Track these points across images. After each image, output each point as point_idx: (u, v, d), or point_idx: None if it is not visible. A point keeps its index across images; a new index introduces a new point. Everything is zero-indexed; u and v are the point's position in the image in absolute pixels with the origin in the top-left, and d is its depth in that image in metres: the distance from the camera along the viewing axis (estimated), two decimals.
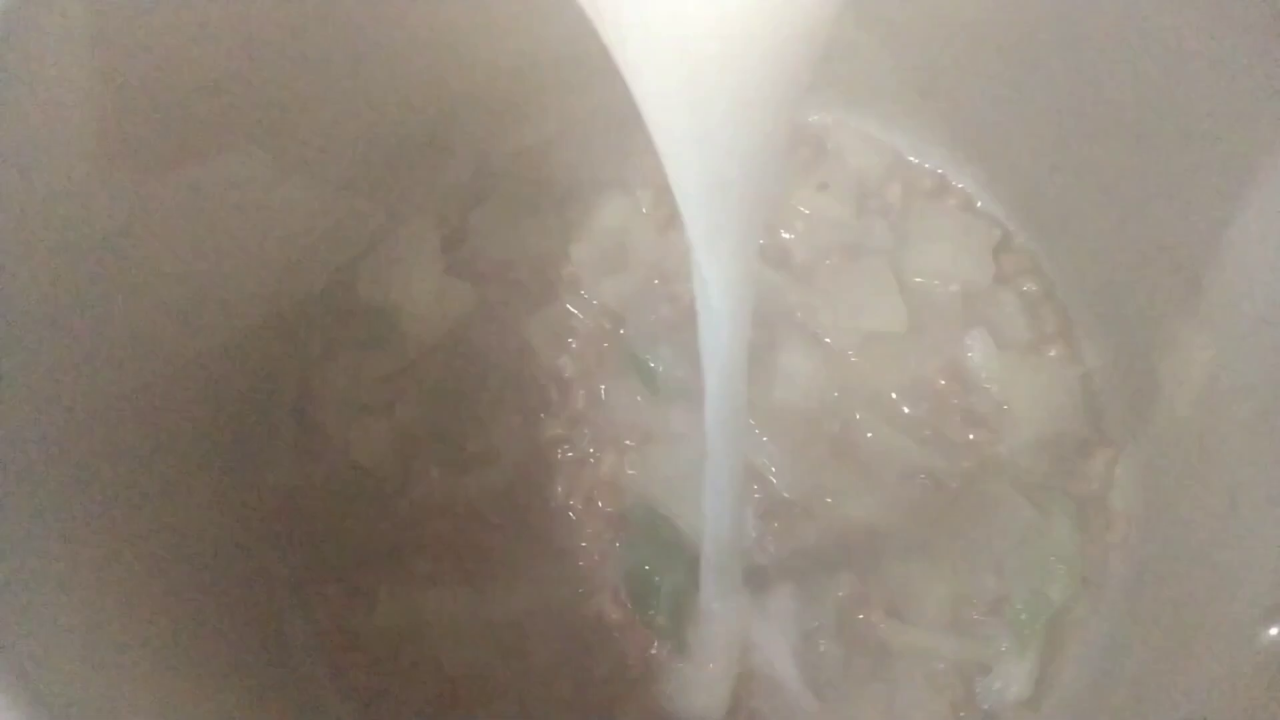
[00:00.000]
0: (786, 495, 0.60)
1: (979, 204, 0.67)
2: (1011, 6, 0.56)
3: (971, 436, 0.61)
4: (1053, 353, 0.63)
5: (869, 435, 0.61)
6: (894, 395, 0.62)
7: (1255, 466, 0.45)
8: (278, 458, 0.62)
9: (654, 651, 0.58)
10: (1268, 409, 0.45)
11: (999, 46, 0.58)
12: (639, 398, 0.62)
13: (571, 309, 0.65)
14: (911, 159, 0.68)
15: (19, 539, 0.38)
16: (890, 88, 0.66)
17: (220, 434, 0.57)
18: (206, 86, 0.51)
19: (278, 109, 0.56)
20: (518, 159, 0.70)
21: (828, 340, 0.63)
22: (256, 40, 0.52)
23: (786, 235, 0.66)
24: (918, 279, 0.64)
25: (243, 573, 0.56)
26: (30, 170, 0.42)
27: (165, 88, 0.48)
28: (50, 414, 0.43)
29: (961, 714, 0.55)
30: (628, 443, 0.62)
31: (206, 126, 0.52)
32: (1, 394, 0.40)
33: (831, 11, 0.30)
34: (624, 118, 0.68)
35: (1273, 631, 0.36)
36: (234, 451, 0.58)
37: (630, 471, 0.61)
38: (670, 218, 0.66)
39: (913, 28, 0.62)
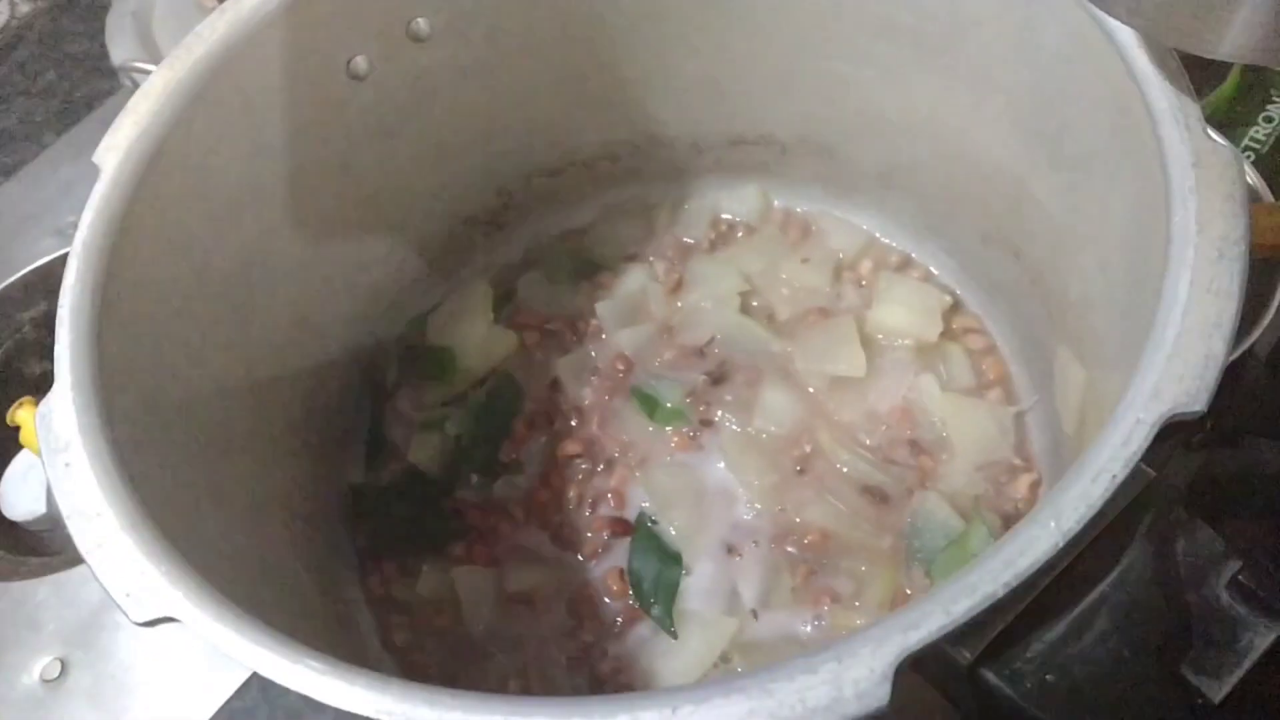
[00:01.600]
0: (758, 506, 0.72)
1: (935, 275, 0.80)
2: (947, 117, 0.70)
3: (916, 462, 0.72)
4: (992, 395, 0.75)
5: (830, 457, 0.73)
6: (853, 427, 0.74)
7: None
8: (353, 458, 0.78)
9: (642, 625, 0.70)
10: (1099, 408, 0.56)
11: (941, 150, 0.73)
12: (642, 424, 0.76)
13: (593, 353, 0.80)
14: (881, 239, 0.82)
15: (170, 469, 0.54)
16: (863, 183, 0.81)
17: (310, 434, 0.73)
18: (327, 168, 0.69)
19: (380, 192, 0.74)
20: (560, 238, 0.87)
21: (801, 381, 0.76)
22: (365, 134, 0.70)
23: (772, 298, 0.80)
24: (879, 335, 0.77)
25: (317, 541, 0.70)
26: (184, 204, 0.59)
27: (297, 163, 0.66)
28: (189, 388, 0.59)
29: None
30: (631, 459, 0.75)
31: (322, 200, 0.70)
32: (159, 370, 0.57)
33: None
34: (646, 207, 0.86)
35: None
36: (320, 449, 0.74)
37: (634, 485, 0.74)
38: (678, 283, 0.82)
39: (877, 135, 0.76)
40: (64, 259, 0.53)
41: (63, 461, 0.47)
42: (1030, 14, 0.57)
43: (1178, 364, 0.40)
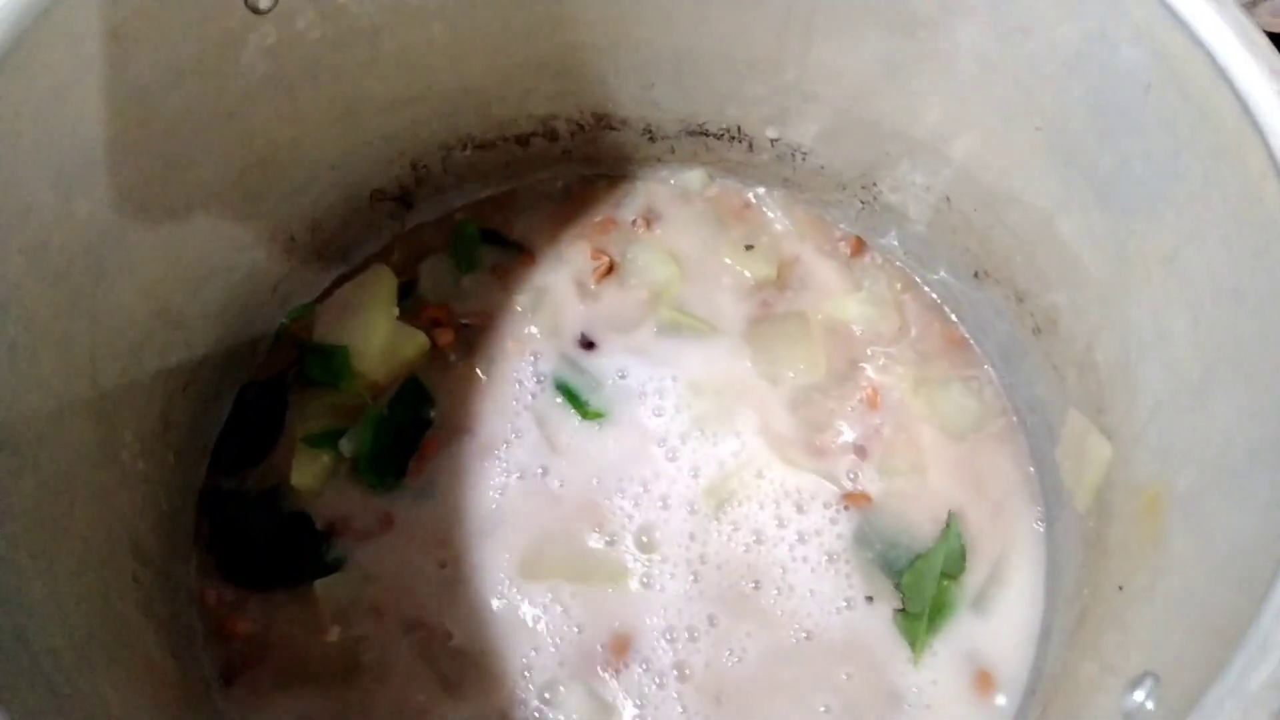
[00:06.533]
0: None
1: (897, 265, 0.72)
2: (961, 134, 0.61)
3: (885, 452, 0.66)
4: (969, 374, 0.68)
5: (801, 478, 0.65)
6: (816, 426, 0.67)
7: (1139, 558, 0.48)
8: (218, 468, 0.64)
9: None
10: (1150, 503, 0.49)
11: (944, 170, 0.64)
12: (572, 420, 0.67)
13: (512, 350, 0.69)
14: (831, 225, 0.73)
15: None
16: (835, 195, 0.71)
17: (167, 452, 0.58)
18: (210, 123, 0.55)
19: (272, 155, 0.60)
20: (469, 210, 0.74)
21: (752, 381, 0.68)
22: (261, 84, 0.56)
23: (713, 288, 0.71)
24: (830, 326, 0.70)
25: (171, 592, 0.56)
26: (20, 159, 0.44)
27: (174, 114, 0.52)
28: (10, 406, 0.44)
29: None
30: (562, 463, 0.65)
31: (201, 162, 0.55)
32: None
33: None
34: (581, 192, 0.74)
35: (1137, 696, 0.39)
36: (178, 468, 0.60)
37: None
38: (603, 278, 0.71)
39: (864, 142, 0.67)
40: None
41: None
42: (1102, 28, 0.49)
43: None
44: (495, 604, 0.62)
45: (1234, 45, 0.43)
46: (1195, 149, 0.45)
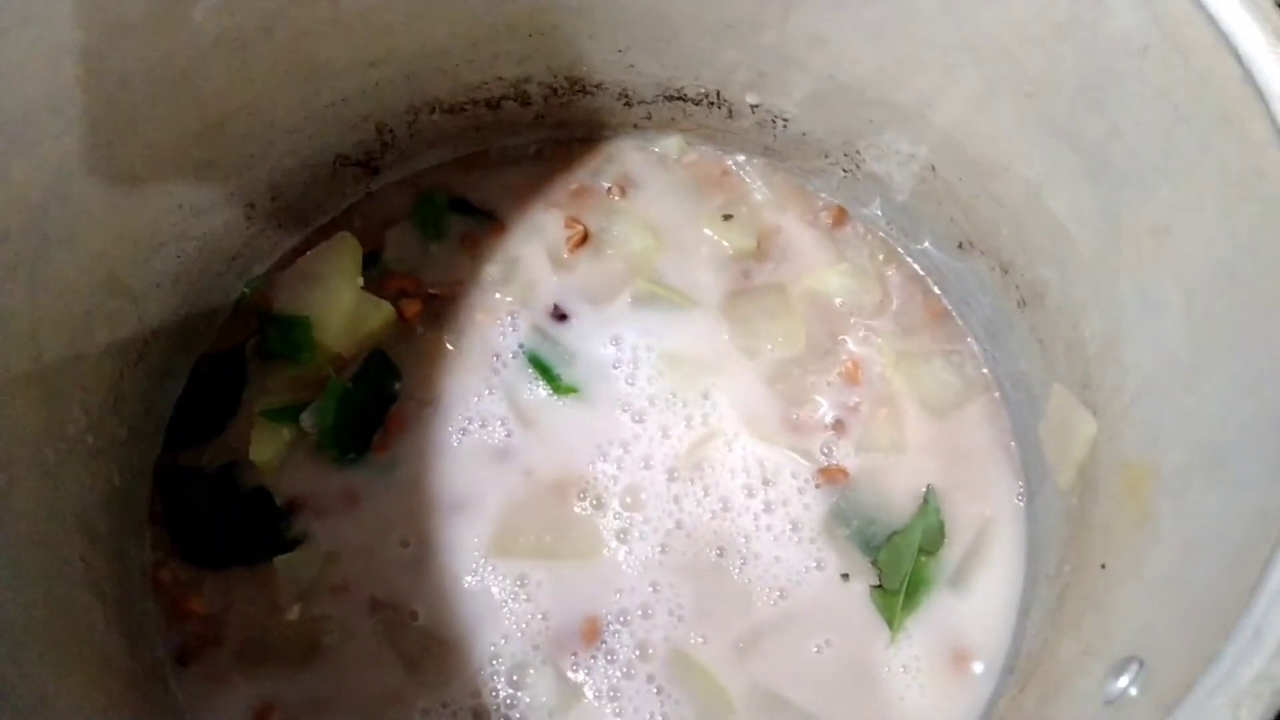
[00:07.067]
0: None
1: (879, 235, 0.70)
2: (945, 101, 0.59)
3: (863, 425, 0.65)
4: (951, 349, 0.67)
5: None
6: (792, 400, 0.65)
7: (1123, 536, 0.47)
8: (174, 443, 0.62)
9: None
10: (1136, 481, 0.47)
11: (928, 138, 0.62)
12: (543, 394, 0.65)
13: (482, 321, 0.66)
14: (812, 194, 0.71)
15: None
16: (817, 163, 0.69)
17: (118, 427, 0.56)
18: (161, 84, 0.52)
19: (228, 118, 0.57)
20: (435, 172, 0.71)
21: (730, 354, 0.66)
22: (215, 43, 0.53)
23: (690, 260, 0.69)
24: (810, 299, 0.68)
25: (121, 569, 0.54)
26: None
27: (121, 73, 0.49)
28: None
29: None
30: (533, 436, 0.63)
31: (150, 124, 0.52)
32: None
33: None
34: (553, 156, 0.72)
35: (1120, 682, 0.37)
36: (130, 445, 0.57)
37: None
38: (583, 237, 0.69)
39: (847, 109, 0.64)
40: None
41: None
42: None
43: None
44: (465, 583, 0.60)
45: (1236, 8, 0.41)
46: (1193, 118, 0.44)
